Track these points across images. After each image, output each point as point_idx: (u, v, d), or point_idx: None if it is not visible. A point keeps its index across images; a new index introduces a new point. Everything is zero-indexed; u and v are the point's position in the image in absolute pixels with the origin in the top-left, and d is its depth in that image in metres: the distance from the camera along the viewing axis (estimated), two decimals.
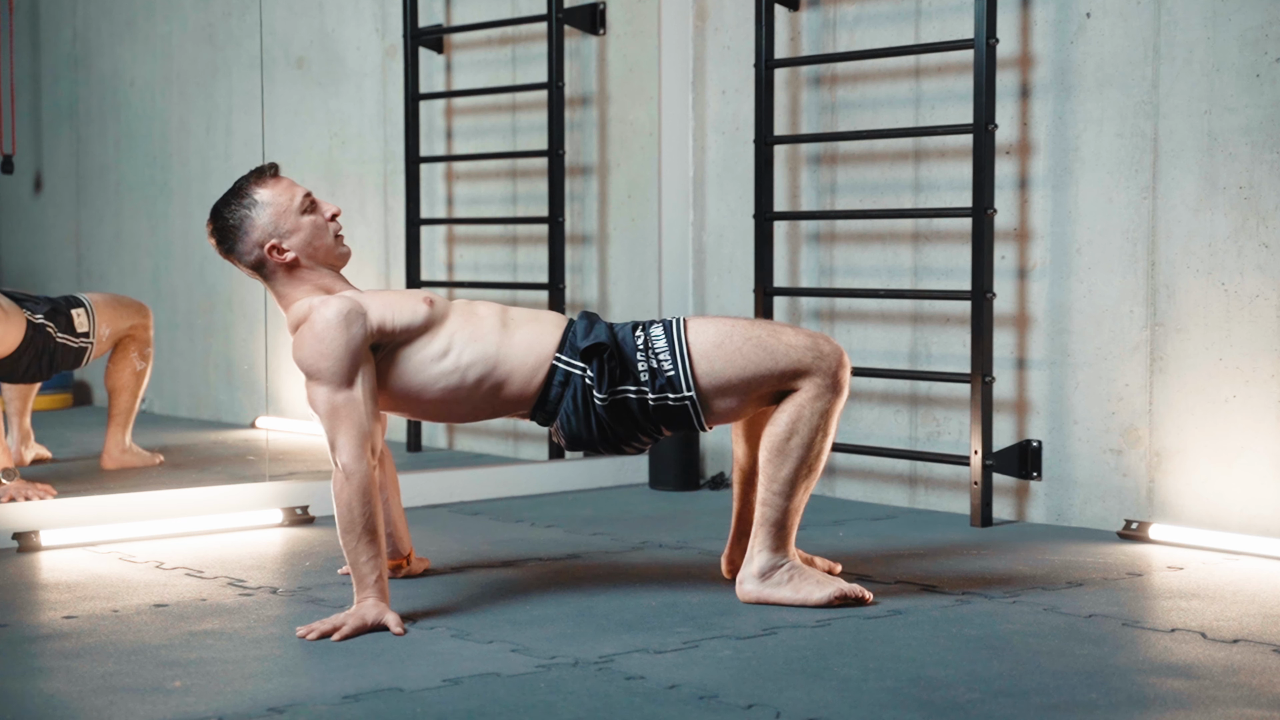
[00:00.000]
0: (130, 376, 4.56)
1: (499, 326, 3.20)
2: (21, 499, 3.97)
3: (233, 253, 3.19)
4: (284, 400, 5.11)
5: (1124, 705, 2.52)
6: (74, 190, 5.18)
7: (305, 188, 3.22)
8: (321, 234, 3.20)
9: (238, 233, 3.17)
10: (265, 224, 3.16)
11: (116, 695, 2.58)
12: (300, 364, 3.07)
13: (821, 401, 3.14)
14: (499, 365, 3.17)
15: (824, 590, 3.17)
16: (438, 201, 5.48)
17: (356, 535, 3.01)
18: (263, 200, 3.17)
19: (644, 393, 3.14)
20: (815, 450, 3.16)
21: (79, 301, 4.42)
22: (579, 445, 3.22)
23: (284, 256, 3.17)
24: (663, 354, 3.16)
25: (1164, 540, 3.83)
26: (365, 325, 3.09)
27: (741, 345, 3.14)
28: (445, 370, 3.16)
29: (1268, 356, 3.73)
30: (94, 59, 5.22)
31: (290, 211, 3.18)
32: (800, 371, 3.14)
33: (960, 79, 4.28)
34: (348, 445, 3.03)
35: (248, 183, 3.20)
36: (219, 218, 3.19)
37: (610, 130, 5.08)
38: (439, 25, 5.37)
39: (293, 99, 5.33)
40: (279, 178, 3.22)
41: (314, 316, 3.08)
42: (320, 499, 4.21)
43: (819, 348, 3.15)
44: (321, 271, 3.20)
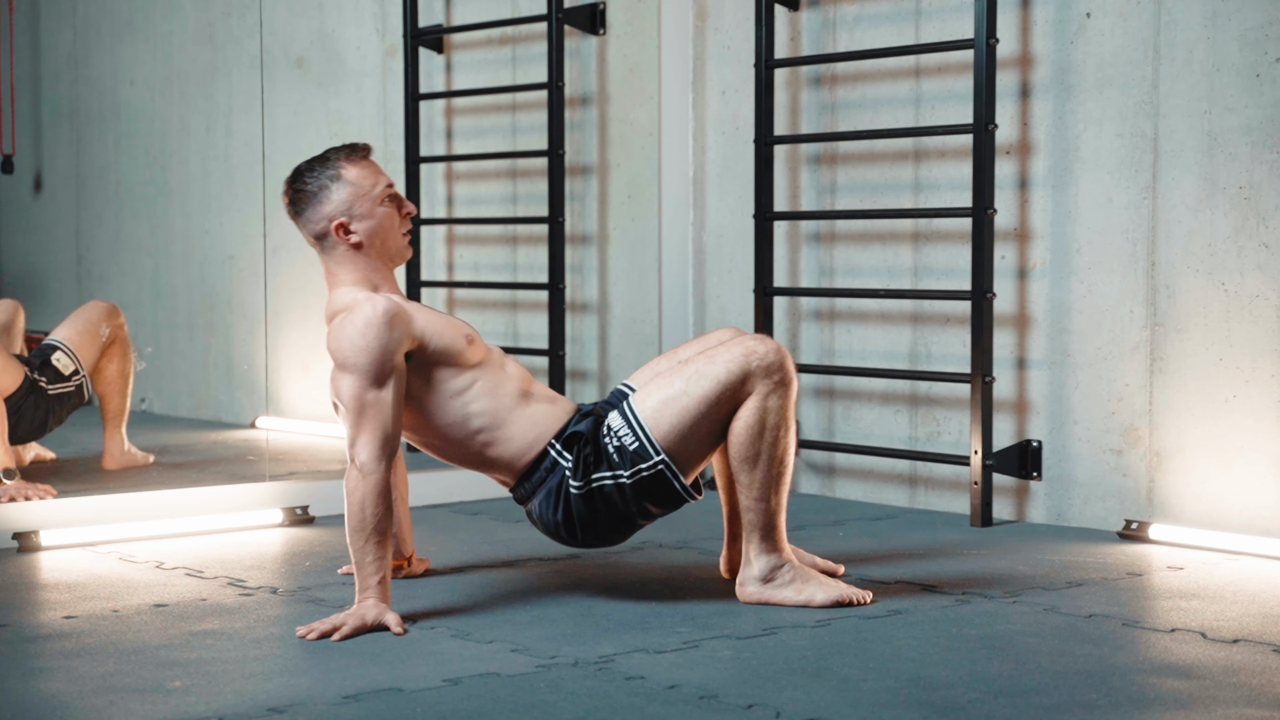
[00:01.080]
0: (117, 378, 4.56)
1: (517, 393, 3.21)
2: (21, 499, 3.97)
3: (301, 216, 3.21)
4: (284, 400, 5.11)
5: (1124, 705, 2.52)
6: (74, 190, 5.18)
7: (389, 178, 3.22)
8: (392, 228, 3.22)
9: (313, 200, 3.18)
10: (341, 200, 3.17)
11: (116, 695, 2.58)
12: (334, 353, 3.07)
13: (774, 398, 3.13)
14: (500, 428, 3.18)
15: (828, 592, 3.17)
16: (438, 201, 5.48)
17: (365, 535, 3.01)
18: (347, 177, 3.18)
19: (619, 475, 3.13)
20: (781, 447, 3.15)
21: (53, 346, 4.44)
22: (546, 531, 3.23)
23: (350, 238, 3.18)
24: (622, 431, 3.15)
25: (1164, 540, 3.83)
26: (408, 331, 3.10)
27: (685, 387, 3.14)
28: (452, 408, 3.17)
29: (1268, 356, 3.73)
30: (94, 59, 5.22)
31: (369, 196, 3.19)
32: (744, 378, 3.12)
33: (960, 79, 4.28)
34: (369, 444, 3.04)
35: (337, 155, 3.21)
36: (299, 180, 3.21)
37: (610, 130, 5.08)
38: (439, 25, 5.37)
39: (293, 99, 5.33)
40: (369, 160, 3.23)
41: (359, 310, 3.08)
42: (320, 499, 4.21)
43: (753, 350, 3.13)
44: (377, 264, 3.22)
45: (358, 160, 3.21)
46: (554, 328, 5.00)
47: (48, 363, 4.41)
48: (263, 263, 4.78)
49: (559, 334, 5.00)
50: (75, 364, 4.44)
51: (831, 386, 4.62)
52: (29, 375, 4.35)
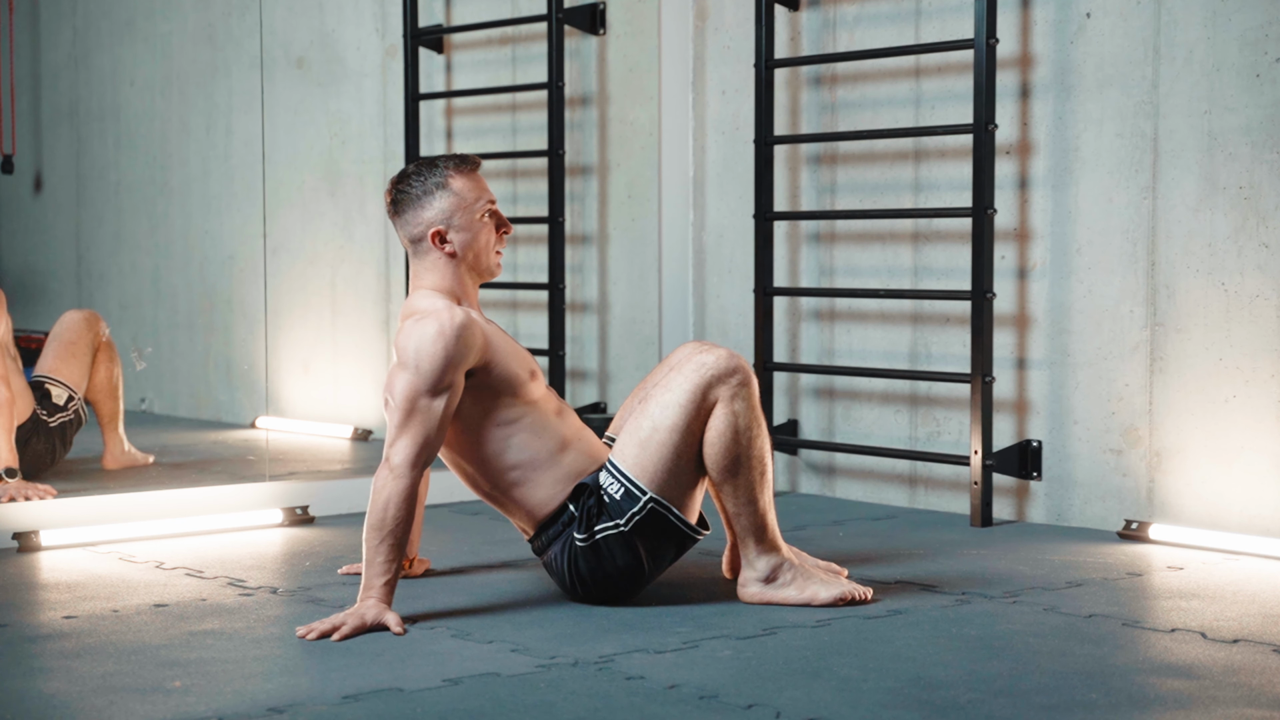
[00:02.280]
0: (106, 383, 4.57)
1: (561, 440, 3.20)
2: (21, 499, 3.97)
3: (400, 217, 3.21)
4: (284, 400, 5.11)
5: (1124, 705, 2.52)
6: (74, 190, 5.18)
7: (492, 194, 3.23)
8: (487, 245, 3.22)
9: (416, 205, 3.19)
10: (443, 209, 3.18)
11: (116, 695, 2.58)
12: (400, 350, 3.08)
13: (738, 401, 3.12)
14: (532, 471, 3.18)
15: (830, 591, 3.17)
16: None
17: (381, 536, 3.01)
18: (454, 188, 3.19)
19: (618, 524, 3.13)
20: (757, 447, 3.15)
21: (40, 381, 4.46)
22: (560, 585, 3.23)
23: (445, 247, 3.18)
24: (611, 485, 3.15)
25: (1164, 540, 3.83)
26: (478, 349, 3.10)
27: (653, 424, 3.13)
28: (495, 437, 3.16)
29: (1268, 356, 3.73)
30: (94, 59, 5.22)
31: (471, 209, 3.20)
32: (704, 392, 3.11)
33: (960, 79, 4.28)
34: (407, 447, 3.04)
35: (447, 163, 3.21)
36: (405, 181, 3.21)
37: (610, 130, 5.08)
38: (439, 25, 5.37)
39: (293, 99, 5.34)
40: (476, 174, 3.24)
41: (436, 317, 3.07)
42: (320, 499, 4.21)
43: (702, 363, 3.13)
44: (465, 276, 3.22)
45: (466, 172, 3.22)
46: (554, 328, 5.00)
47: (45, 396, 4.43)
48: (263, 263, 4.78)
49: (559, 334, 5.00)
50: (68, 391, 4.46)
51: (831, 386, 4.62)
52: (35, 409, 4.37)
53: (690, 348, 3.31)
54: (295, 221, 5.32)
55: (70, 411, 4.46)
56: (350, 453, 5.10)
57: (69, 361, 4.51)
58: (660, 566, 3.21)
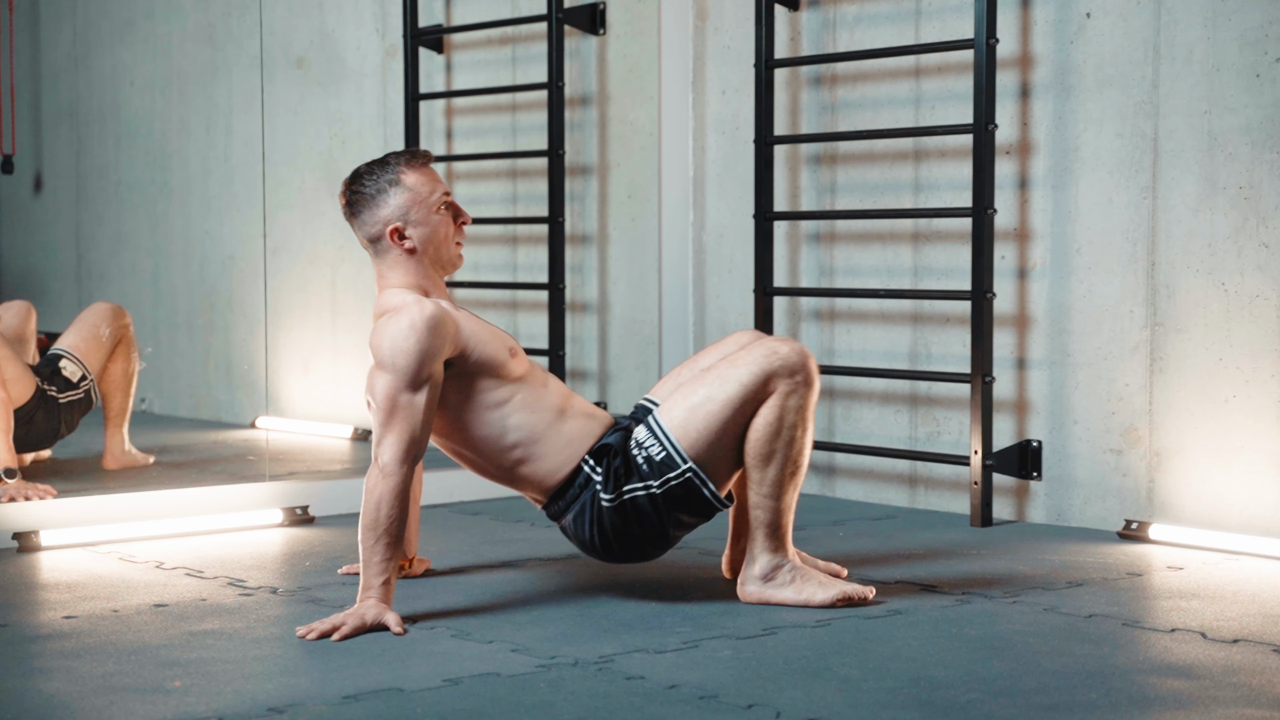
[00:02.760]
0: (121, 377, 4.57)
1: (556, 408, 3.21)
2: (21, 499, 3.97)
3: (356, 218, 3.22)
4: (284, 400, 5.11)
5: (1124, 705, 2.52)
6: (74, 190, 5.18)
7: (446, 186, 3.23)
8: (446, 237, 3.23)
9: (370, 204, 3.19)
10: (398, 205, 3.18)
11: (116, 695, 2.58)
12: (374, 350, 3.08)
13: (795, 398, 3.13)
14: (537, 443, 3.18)
15: (827, 592, 3.17)
16: None
17: (377, 535, 3.01)
18: (407, 183, 3.19)
19: (649, 485, 3.14)
20: (797, 447, 3.15)
21: (59, 355, 4.45)
22: (582, 547, 3.24)
23: (404, 243, 3.19)
24: (649, 443, 3.16)
25: (1164, 540, 3.83)
26: (451, 339, 3.10)
27: (709, 393, 3.14)
28: (489, 421, 3.17)
29: (1268, 356, 3.73)
30: (94, 59, 5.22)
31: (426, 203, 3.20)
32: (767, 378, 3.13)
33: (960, 79, 4.28)
34: (394, 445, 3.04)
35: (398, 160, 3.21)
36: (358, 181, 3.21)
37: (610, 130, 5.08)
38: (439, 25, 5.37)
39: (293, 99, 5.33)
40: (428, 167, 3.24)
41: (405, 312, 3.08)
42: (320, 499, 4.21)
43: (776, 351, 3.14)
44: (428, 270, 3.22)
45: (417, 166, 3.22)
46: (554, 328, 5.00)
47: (57, 372, 4.42)
48: (263, 263, 4.78)
49: (559, 334, 5.00)
50: (82, 370, 4.45)
51: (831, 386, 4.62)
52: (40, 385, 4.36)
53: (751, 334, 3.31)
54: (295, 221, 5.32)
55: (81, 391, 4.44)
56: (350, 453, 5.10)
57: (90, 343, 4.51)
58: (682, 532, 3.21)
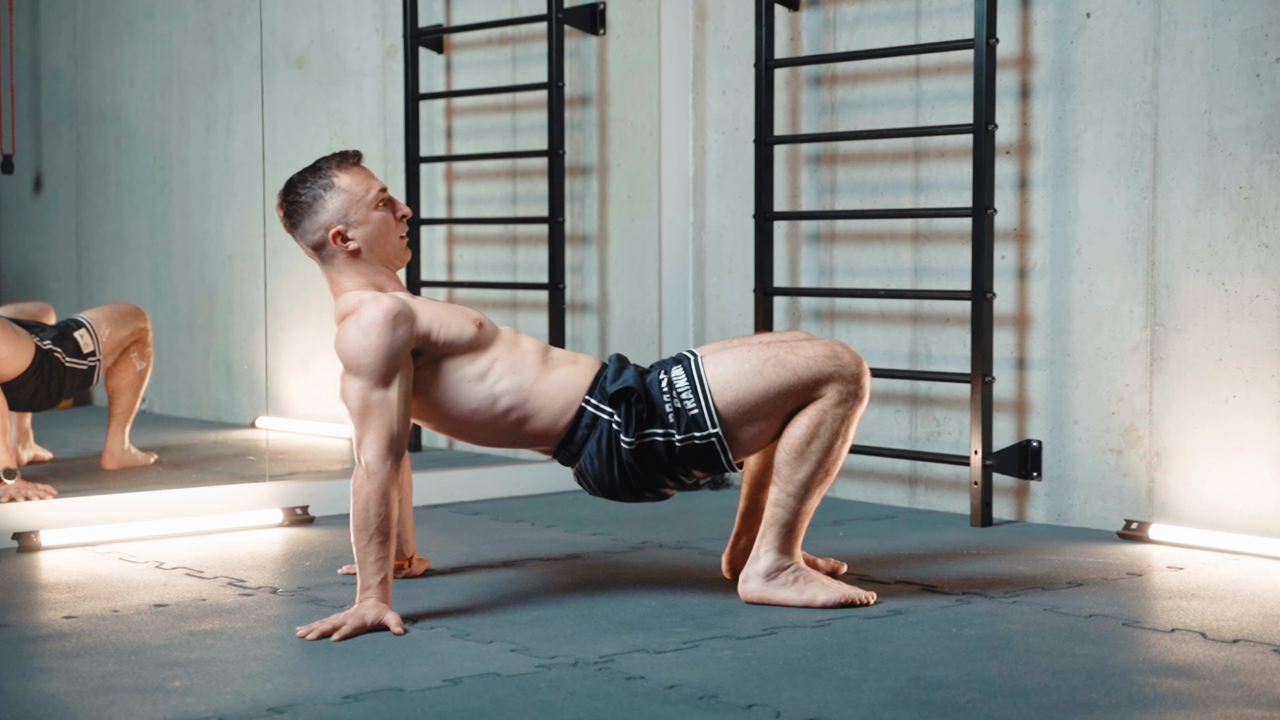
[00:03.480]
0: (132, 377, 4.57)
1: (538, 362, 3.22)
2: (21, 499, 3.97)
3: (297, 228, 3.21)
4: (284, 400, 5.11)
5: (1124, 705, 2.52)
6: (74, 190, 5.18)
7: (382, 183, 3.23)
8: (389, 232, 3.22)
9: (308, 211, 3.19)
10: (336, 209, 3.18)
11: (116, 695, 2.58)
12: (341, 355, 3.08)
13: (843, 407, 3.14)
14: (530, 400, 3.18)
15: (829, 594, 3.17)
16: (438, 201, 5.48)
17: (369, 535, 3.01)
18: (340, 185, 3.19)
19: (671, 435, 3.15)
20: (833, 455, 3.16)
21: (79, 323, 4.45)
22: (600, 489, 3.23)
23: (347, 245, 3.18)
24: (685, 393, 3.16)
25: (1164, 540, 3.83)
26: (411, 329, 3.10)
27: (760, 367, 3.15)
28: (478, 393, 3.17)
29: (1268, 356, 3.73)
30: (94, 59, 5.22)
31: (363, 202, 3.19)
32: (821, 380, 3.14)
33: (960, 79, 4.28)
34: (374, 444, 3.04)
35: (329, 164, 3.21)
36: (293, 191, 3.21)
37: (610, 130, 5.08)
38: (439, 25, 5.37)
39: (293, 99, 5.33)
40: (360, 166, 3.24)
41: (363, 311, 3.09)
42: (320, 499, 4.21)
43: (839, 356, 3.15)
44: (378, 268, 3.22)
45: (349, 167, 3.22)
46: (554, 328, 5.00)
47: (68, 335, 4.40)
48: (263, 263, 4.78)
49: (559, 334, 5.00)
50: (94, 346, 4.44)
51: None
52: (40, 346, 4.33)
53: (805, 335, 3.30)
54: None
55: (86, 364, 4.43)
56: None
57: (112, 325, 4.51)
58: (691, 480, 3.23)
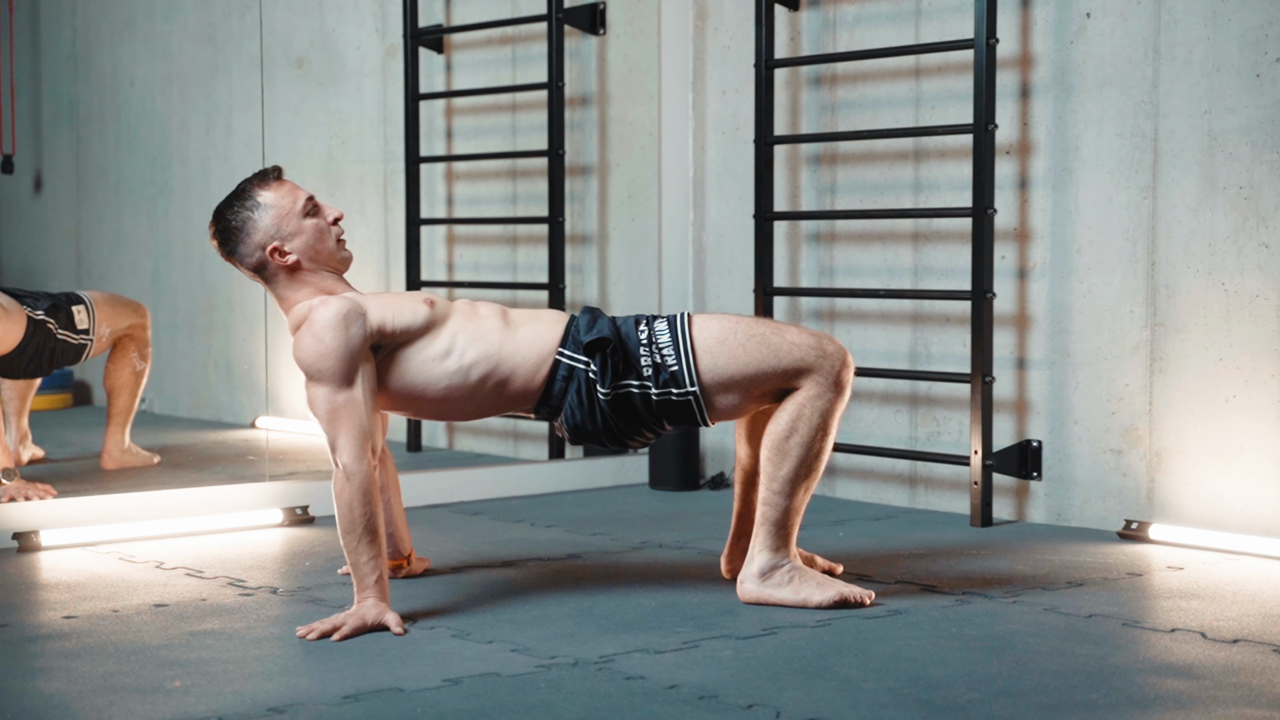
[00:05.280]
0: (129, 376, 4.56)
1: (501, 325, 3.21)
2: (21, 499, 3.97)
3: (234, 254, 3.20)
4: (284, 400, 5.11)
5: (1124, 705, 2.52)
6: (74, 190, 5.18)
7: (308, 191, 3.23)
8: (323, 237, 3.21)
9: (240, 234, 3.18)
10: (267, 226, 3.17)
11: (116, 695, 2.58)
12: (300, 364, 3.08)
13: (822, 401, 3.14)
14: (502, 363, 3.17)
15: (825, 592, 3.17)
16: (438, 201, 5.48)
17: (357, 535, 3.01)
18: (265, 202, 3.18)
19: (647, 387, 3.15)
20: (815, 450, 3.16)
21: (79, 299, 4.44)
22: (584, 438, 3.22)
23: (285, 259, 3.17)
24: (666, 349, 3.16)
25: (1164, 540, 3.83)
26: (365, 326, 3.10)
27: (745, 341, 3.15)
28: (448, 370, 3.16)
29: (1268, 356, 3.73)
30: (94, 59, 5.22)
31: (292, 214, 3.19)
32: (803, 370, 3.14)
33: (960, 79, 4.28)
34: (348, 445, 3.04)
35: (250, 185, 3.21)
36: (221, 219, 3.20)
37: (610, 130, 5.08)
38: (439, 25, 5.37)
39: (293, 99, 5.33)
40: (282, 180, 3.23)
41: (313, 316, 3.09)
42: (320, 499, 4.21)
43: (823, 347, 3.16)
44: (323, 274, 3.21)
45: (271, 183, 3.21)
46: None
47: (64, 308, 4.39)
48: None
49: None
50: (89, 324, 4.43)
51: None
52: (32, 317, 4.31)
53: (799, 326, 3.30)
54: None
55: (76, 340, 4.41)
56: None
57: (114, 311, 4.50)
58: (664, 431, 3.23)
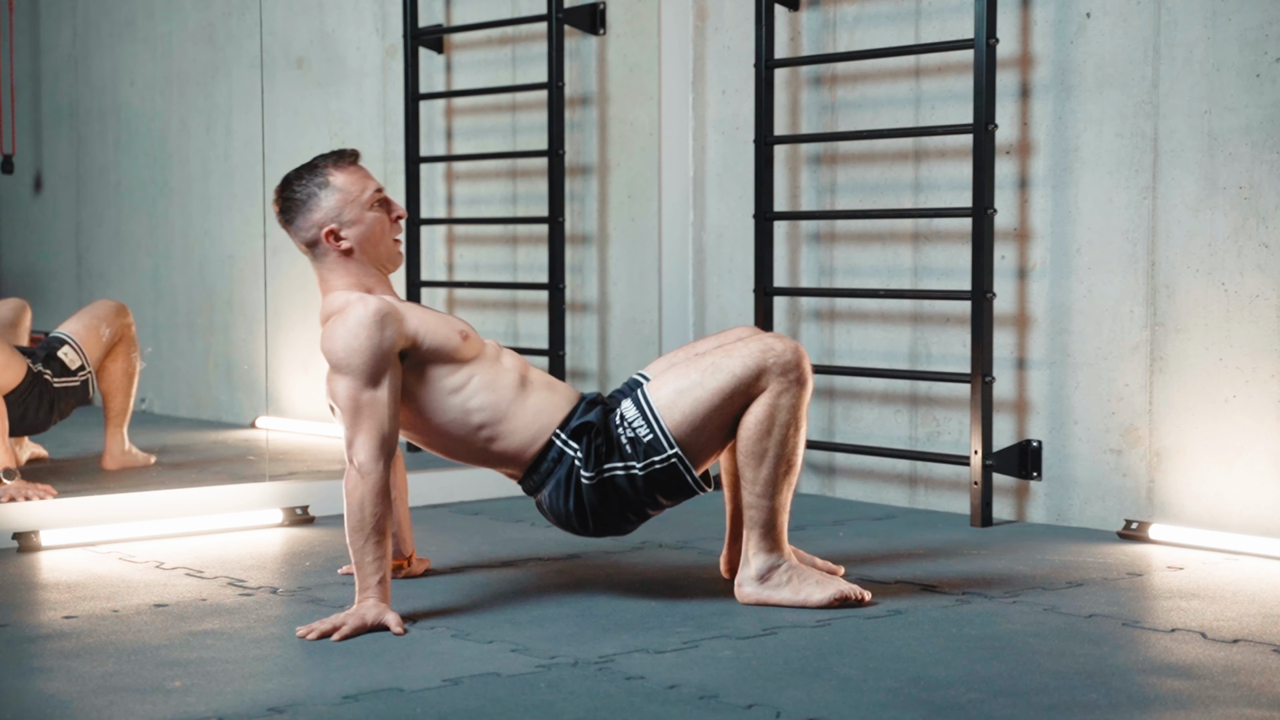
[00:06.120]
0: (122, 376, 4.56)
1: (515, 383, 3.21)
2: (21, 499, 3.97)
3: (291, 224, 3.21)
4: (284, 400, 5.11)
5: (1124, 705, 2.52)
6: (74, 190, 5.18)
7: (379, 183, 3.23)
8: (382, 233, 3.22)
9: (302, 208, 3.19)
10: (330, 207, 3.18)
11: (116, 695, 2.58)
12: (328, 355, 3.08)
13: (788, 396, 3.14)
14: (502, 421, 3.18)
15: (824, 591, 3.17)
16: (438, 201, 5.48)
17: (365, 535, 3.01)
18: (335, 184, 3.19)
19: (631, 466, 3.14)
20: (790, 447, 3.15)
21: (61, 340, 4.45)
22: (558, 521, 3.24)
23: (340, 244, 3.18)
24: (636, 422, 3.16)
25: (1164, 540, 3.83)
26: (399, 330, 3.10)
27: (700, 379, 3.15)
28: (452, 406, 3.17)
29: (1268, 356, 3.73)
30: (94, 59, 5.22)
31: (358, 202, 3.19)
32: (760, 373, 3.13)
33: (960, 79, 4.28)
34: (366, 444, 3.04)
35: (325, 162, 3.22)
36: (288, 188, 3.21)
37: (610, 130, 5.08)
38: (439, 25, 5.37)
39: (293, 99, 5.33)
40: (356, 165, 3.24)
41: (350, 311, 3.08)
42: (320, 499, 4.21)
43: (772, 348, 3.14)
44: (369, 269, 3.22)
45: (345, 166, 3.22)
46: (554, 328, 5.00)
47: (53, 356, 4.41)
48: (263, 263, 4.78)
49: (559, 334, 5.00)
50: (82, 360, 4.44)
51: (831, 386, 4.62)
52: (32, 369, 4.34)
53: (750, 330, 3.32)
54: None
55: (77, 380, 4.43)
56: None
57: (91, 334, 4.50)
58: (659, 510, 3.22)
